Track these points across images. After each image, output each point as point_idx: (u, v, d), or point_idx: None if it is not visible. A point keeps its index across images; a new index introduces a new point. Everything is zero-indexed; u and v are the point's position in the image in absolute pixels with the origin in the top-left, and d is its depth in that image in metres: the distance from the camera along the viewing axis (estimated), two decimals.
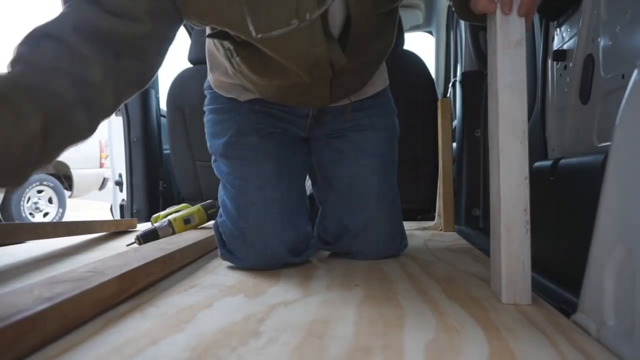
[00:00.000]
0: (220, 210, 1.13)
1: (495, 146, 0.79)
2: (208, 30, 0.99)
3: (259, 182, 1.08)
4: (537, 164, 1.25)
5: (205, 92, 1.24)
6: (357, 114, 1.20)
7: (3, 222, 4.32)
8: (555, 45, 1.30)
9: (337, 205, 1.21)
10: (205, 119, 1.22)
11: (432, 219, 2.01)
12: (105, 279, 0.69)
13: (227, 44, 1.00)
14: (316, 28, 0.88)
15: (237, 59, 1.00)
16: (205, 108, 1.22)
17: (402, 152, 1.30)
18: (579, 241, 0.75)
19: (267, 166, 1.11)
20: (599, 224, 0.66)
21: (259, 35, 0.81)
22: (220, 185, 1.16)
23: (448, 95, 2.59)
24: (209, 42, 1.15)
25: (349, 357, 0.53)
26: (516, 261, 0.75)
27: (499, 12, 0.77)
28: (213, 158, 1.19)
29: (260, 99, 1.14)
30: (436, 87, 2.28)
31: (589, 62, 1.09)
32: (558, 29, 1.30)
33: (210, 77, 1.20)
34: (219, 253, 1.10)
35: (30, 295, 0.59)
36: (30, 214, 5.06)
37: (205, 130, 1.21)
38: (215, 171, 1.18)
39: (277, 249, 1.04)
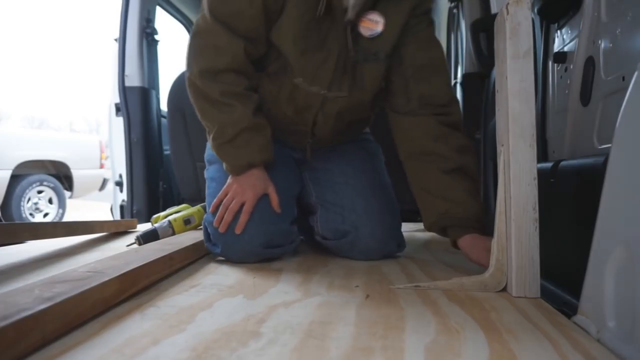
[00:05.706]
0: (209, 209, 1.18)
1: (505, 149, 0.82)
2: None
3: None
4: (537, 165, 1.25)
5: None
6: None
7: (3, 222, 4.30)
8: (556, 47, 1.30)
9: (330, 205, 1.25)
10: None
11: None
12: (105, 279, 0.69)
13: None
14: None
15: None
16: None
17: None
18: (579, 243, 0.76)
19: None
20: (599, 226, 0.66)
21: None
22: (210, 185, 1.23)
23: None
24: None
25: (349, 358, 0.53)
26: (526, 257, 0.79)
27: (508, 23, 0.80)
28: (208, 164, 1.28)
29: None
30: None
31: (590, 64, 1.09)
32: (559, 31, 1.30)
33: None
34: (205, 245, 1.18)
35: (31, 294, 0.59)
36: (30, 214, 5.07)
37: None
38: (208, 175, 1.26)
39: (256, 234, 1.10)
